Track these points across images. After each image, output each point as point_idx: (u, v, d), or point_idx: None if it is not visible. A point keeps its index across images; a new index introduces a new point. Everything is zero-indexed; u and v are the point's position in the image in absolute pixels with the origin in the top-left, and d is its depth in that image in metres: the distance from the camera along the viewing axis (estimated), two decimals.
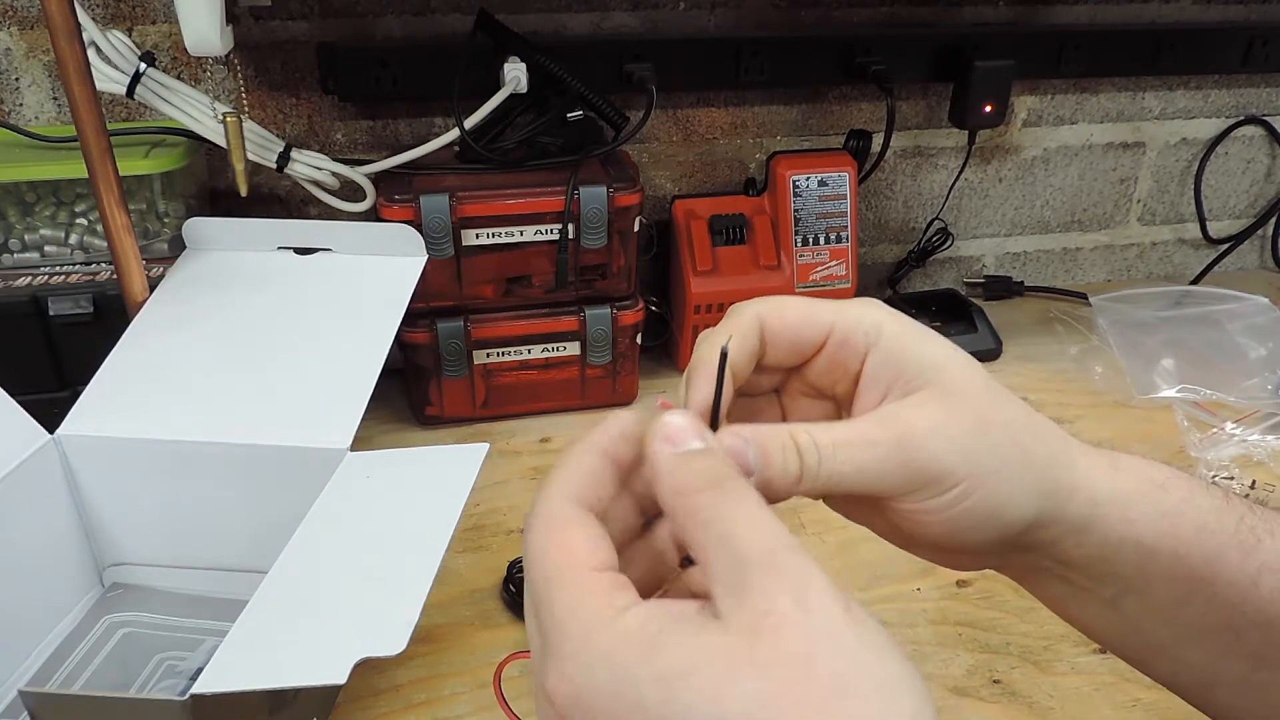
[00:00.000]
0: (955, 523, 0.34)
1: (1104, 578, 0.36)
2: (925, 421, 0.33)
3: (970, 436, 0.33)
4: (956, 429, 0.33)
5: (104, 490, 0.59)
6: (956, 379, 0.34)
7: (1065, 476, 0.35)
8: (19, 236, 0.71)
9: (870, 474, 0.32)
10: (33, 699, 0.41)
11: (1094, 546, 0.35)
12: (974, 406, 0.34)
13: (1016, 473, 0.34)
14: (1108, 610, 0.38)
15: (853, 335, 0.35)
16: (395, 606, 0.41)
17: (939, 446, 0.32)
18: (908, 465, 0.32)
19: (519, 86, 0.74)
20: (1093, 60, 0.94)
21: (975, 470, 0.33)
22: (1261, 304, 0.90)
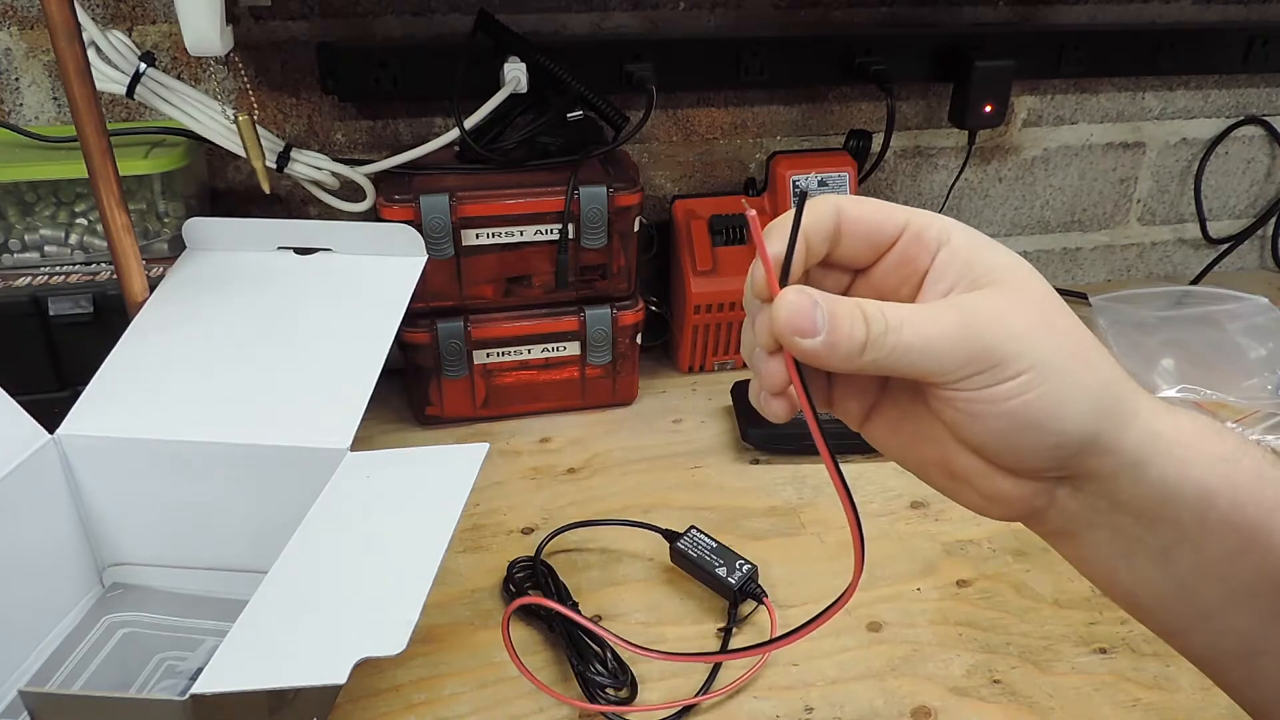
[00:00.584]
0: (1013, 418, 0.33)
1: (1159, 523, 0.35)
2: (991, 308, 0.33)
3: (1035, 331, 0.33)
4: (1022, 321, 0.33)
5: (104, 490, 0.59)
6: (1025, 282, 0.34)
7: (1127, 400, 0.34)
8: (19, 236, 0.71)
9: (933, 350, 0.32)
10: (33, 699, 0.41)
11: (1151, 485, 0.34)
12: (1041, 307, 0.34)
13: (1079, 378, 0.33)
14: (1157, 567, 0.36)
15: (926, 232, 0.35)
16: (395, 606, 0.41)
17: (1004, 331, 0.32)
18: (972, 343, 0.32)
19: (519, 86, 0.74)
20: (1093, 60, 0.94)
21: (1038, 363, 0.33)
22: (1261, 304, 0.90)
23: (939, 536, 0.67)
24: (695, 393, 0.85)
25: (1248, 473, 0.35)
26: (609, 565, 0.64)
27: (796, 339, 0.32)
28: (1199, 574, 0.36)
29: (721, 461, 0.75)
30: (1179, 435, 0.35)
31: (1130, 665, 0.56)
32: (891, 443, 0.38)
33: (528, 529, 0.67)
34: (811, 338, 0.32)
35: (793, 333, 0.32)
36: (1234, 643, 0.37)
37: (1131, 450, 0.34)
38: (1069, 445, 0.34)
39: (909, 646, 0.57)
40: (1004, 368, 0.32)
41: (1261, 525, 0.34)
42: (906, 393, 0.37)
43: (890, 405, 0.38)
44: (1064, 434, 0.33)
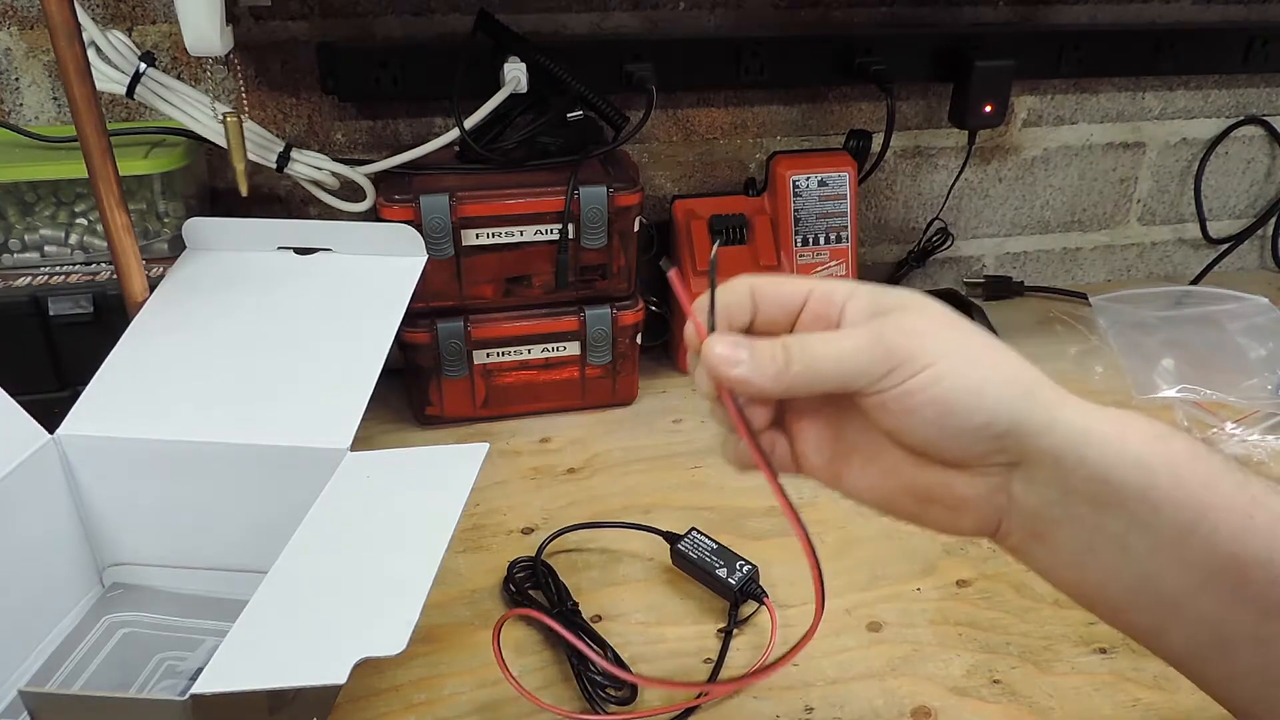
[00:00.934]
0: (937, 404, 0.36)
1: (1109, 507, 0.37)
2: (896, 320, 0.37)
3: (937, 331, 0.37)
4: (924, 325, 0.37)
5: (104, 490, 0.59)
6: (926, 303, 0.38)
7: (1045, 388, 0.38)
8: (19, 236, 0.71)
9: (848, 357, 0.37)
10: (33, 699, 0.41)
11: (1093, 465, 0.36)
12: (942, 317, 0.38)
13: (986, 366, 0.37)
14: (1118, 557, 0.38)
15: (832, 294, 0.40)
16: (395, 606, 0.41)
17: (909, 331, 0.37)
18: (878, 347, 0.37)
19: (519, 86, 0.74)
20: (1093, 60, 0.94)
21: (942, 354, 0.36)
22: (1261, 304, 0.90)
23: (939, 536, 0.67)
24: (695, 393, 0.85)
25: (1182, 451, 0.37)
26: (609, 565, 0.64)
27: (725, 368, 0.38)
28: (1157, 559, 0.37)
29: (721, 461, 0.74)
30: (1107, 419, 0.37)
31: (1130, 665, 0.56)
32: (862, 485, 0.41)
33: (528, 529, 0.67)
34: (737, 365, 0.38)
35: (722, 363, 0.38)
36: (1207, 633, 0.38)
37: (1063, 433, 0.37)
38: (998, 424, 0.36)
39: (909, 646, 0.57)
40: (912, 363, 0.36)
41: (1203, 501, 0.36)
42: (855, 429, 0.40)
43: (848, 449, 0.41)
44: (988, 413, 0.36)
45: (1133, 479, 0.36)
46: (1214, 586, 0.37)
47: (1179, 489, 0.36)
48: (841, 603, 0.60)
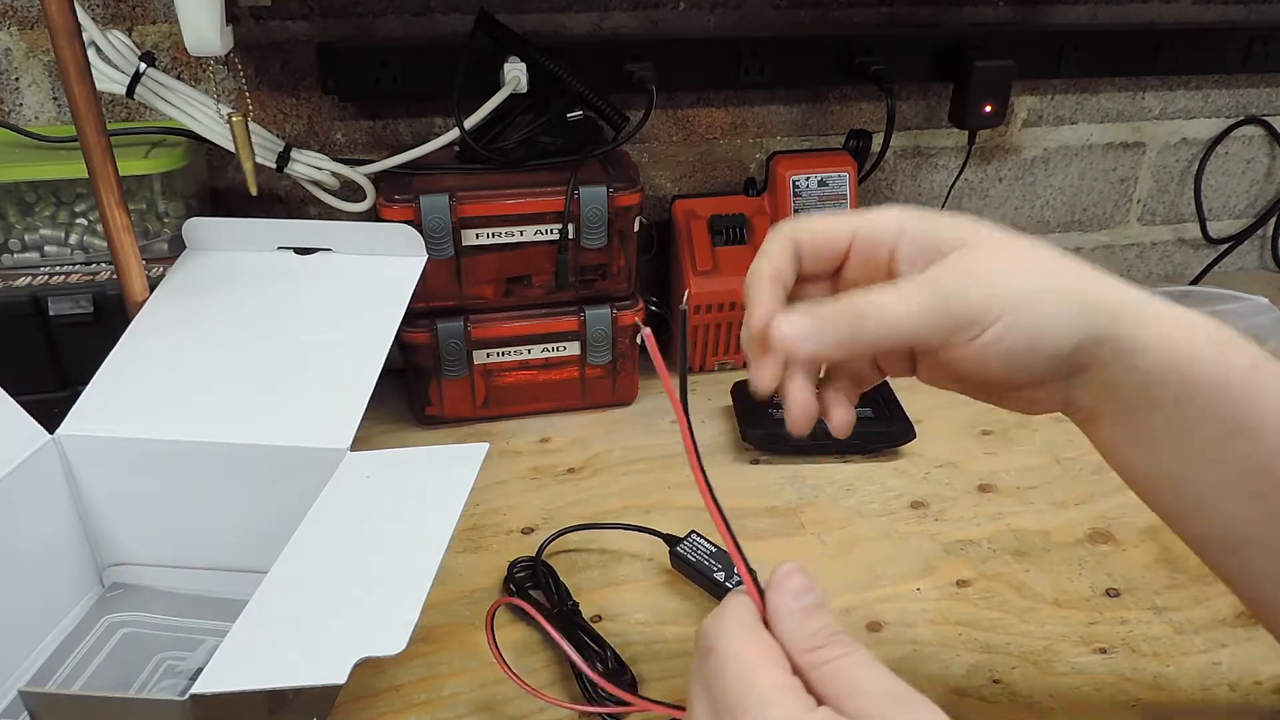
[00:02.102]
0: (1008, 357, 0.37)
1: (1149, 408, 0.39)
2: (954, 270, 0.37)
3: (1000, 273, 0.37)
4: (984, 270, 0.37)
5: (104, 490, 0.59)
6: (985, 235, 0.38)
7: (1111, 295, 0.38)
8: (19, 236, 0.71)
9: (913, 323, 0.37)
10: (33, 699, 0.41)
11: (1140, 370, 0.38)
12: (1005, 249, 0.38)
13: (1055, 297, 0.37)
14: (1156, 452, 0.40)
15: (877, 235, 0.40)
16: (395, 606, 0.41)
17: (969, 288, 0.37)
18: (943, 309, 0.37)
19: (519, 86, 0.74)
20: (1093, 60, 0.94)
21: (1009, 303, 0.36)
22: (1261, 304, 0.90)
23: (939, 536, 0.67)
24: (695, 393, 0.85)
25: (1238, 365, 0.38)
26: (609, 565, 0.64)
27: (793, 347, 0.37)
28: (1191, 461, 0.40)
29: (721, 461, 0.75)
30: (1168, 327, 0.38)
31: (1130, 665, 0.56)
32: (938, 380, 0.43)
33: (528, 529, 0.67)
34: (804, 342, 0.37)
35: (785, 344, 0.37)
36: (1227, 531, 0.40)
37: (1125, 339, 0.38)
38: (1064, 351, 0.38)
39: (909, 646, 0.57)
40: (976, 323, 0.37)
41: (1246, 414, 0.38)
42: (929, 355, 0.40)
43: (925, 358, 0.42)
44: (1055, 347, 0.37)
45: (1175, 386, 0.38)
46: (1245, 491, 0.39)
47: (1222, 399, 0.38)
48: (841, 603, 0.60)
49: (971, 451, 0.77)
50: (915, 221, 0.39)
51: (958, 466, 0.75)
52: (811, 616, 0.34)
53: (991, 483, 0.73)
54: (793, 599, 0.34)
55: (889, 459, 0.75)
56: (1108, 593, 0.61)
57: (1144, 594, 0.61)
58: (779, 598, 0.34)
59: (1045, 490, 0.72)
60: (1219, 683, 0.54)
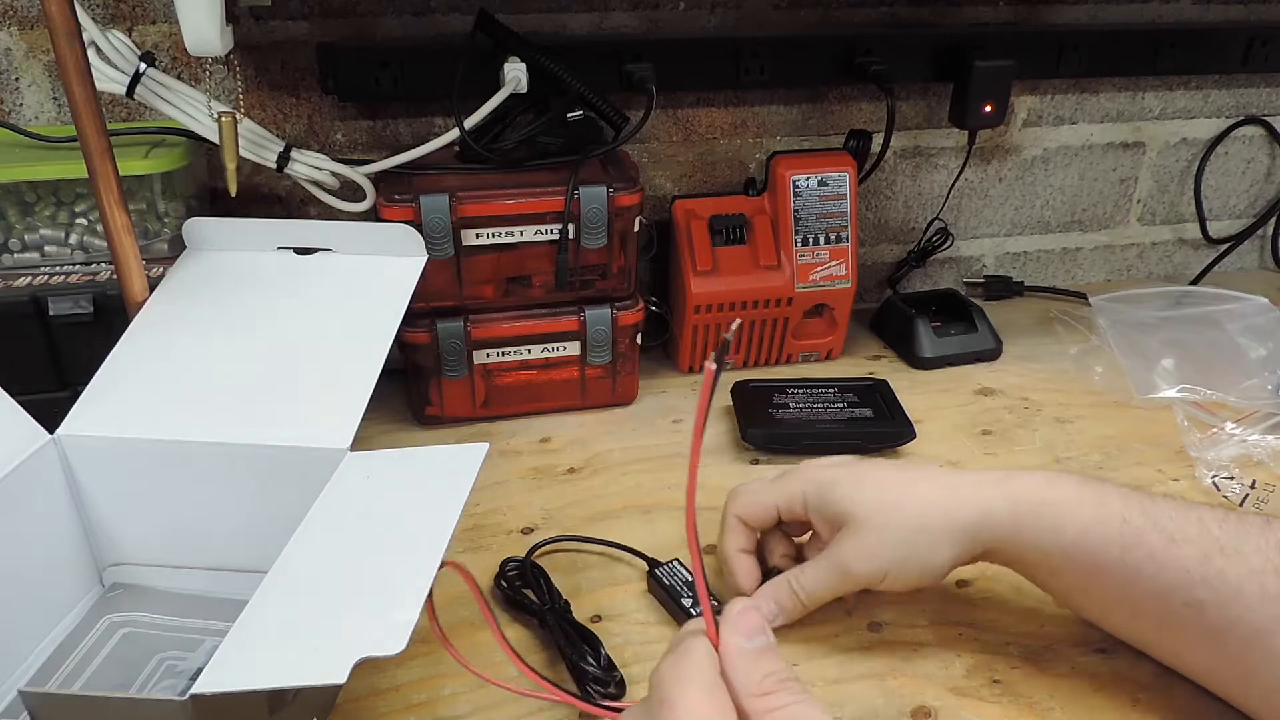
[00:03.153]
0: (909, 585, 0.53)
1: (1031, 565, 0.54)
2: (848, 551, 0.53)
3: (880, 546, 0.52)
4: (866, 543, 0.52)
5: (104, 490, 0.59)
6: (861, 513, 0.53)
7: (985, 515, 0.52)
8: (19, 236, 0.71)
9: (829, 592, 0.55)
10: (33, 699, 0.41)
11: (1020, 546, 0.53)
12: (877, 526, 0.52)
13: (928, 543, 0.52)
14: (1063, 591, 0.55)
15: (793, 507, 0.56)
16: (395, 606, 0.41)
17: (863, 564, 0.53)
18: (849, 580, 0.54)
19: (519, 86, 0.74)
20: (1093, 60, 0.94)
21: (892, 564, 0.52)
22: (1261, 304, 0.90)
23: None
24: (695, 393, 0.85)
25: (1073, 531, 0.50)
26: (609, 565, 0.64)
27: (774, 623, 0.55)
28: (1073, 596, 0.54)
29: (721, 461, 0.75)
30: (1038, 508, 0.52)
31: (1130, 665, 0.56)
32: None
33: (528, 529, 0.67)
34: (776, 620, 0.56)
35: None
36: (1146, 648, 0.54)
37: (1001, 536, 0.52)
38: (952, 564, 0.53)
39: (909, 646, 0.57)
40: (875, 579, 0.53)
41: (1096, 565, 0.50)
42: None
43: None
44: (943, 568, 0.53)
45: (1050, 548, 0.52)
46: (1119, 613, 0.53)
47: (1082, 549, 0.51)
48: (842, 603, 0.60)
49: (971, 451, 0.77)
50: (815, 498, 0.55)
51: (958, 466, 0.75)
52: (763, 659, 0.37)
53: None
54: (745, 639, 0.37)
55: (889, 459, 0.75)
56: None
57: None
58: (732, 637, 0.37)
59: None
60: None
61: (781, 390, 0.80)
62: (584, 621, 0.59)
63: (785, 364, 0.90)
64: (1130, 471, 0.73)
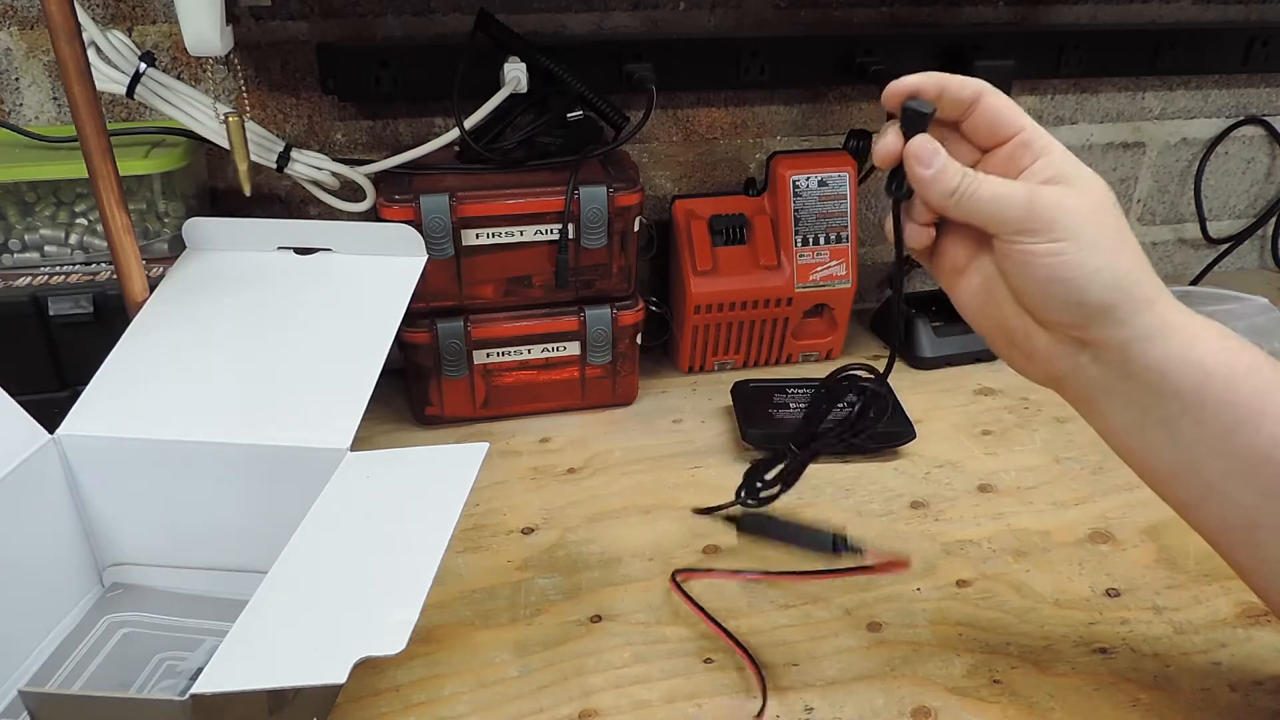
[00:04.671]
0: (1049, 270, 0.43)
1: (1163, 395, 0.44)
2: (1055, 193, 0.44)
3: (1082, 215, 0.43)
4: (1074, 206, 0.43)
5: (104, 490, 0.59)
6: (1090, 187, 0.44)
7: (1144, 287, 0.43)
8: (19, 236, 0.71)
9: (999, 207, 0.44)
10: (33, 699, 0.41)
11: (1156, 359, 0.43)
12: (1095, 205, 0.44)
13: (1106, 258, 0.43)
14: (1165, 438, 0.45)
15: (1033, 143, 0.46)
16: (395, 606, 0.41)
17: (1056, 206, 0.43)
18: (1028, 209, 0.43)
19: (519, 86, 0.74)
20: (1093, 60, 0.94)
21: (1077, 235, 0.43)
22: (1261, 304, 0.90)
23: (939, 536, 0.67)
24: (695, 393, 0.85)
25: (1244, 363, 0.43)
26: (609, 565, 0.64)
27: (918, 163, 0.45)
28: (1201, 447, 0.44)
29: (722, 461, 0.75)
30: (1187, 324, 0.43)
31: (1130, 665, 0.56)
32: (971, 302, 0.49)
33: (528, 529, 0.67)
34: (928, 168, 0.45)
35: (916, 161, 0.45)
36: (1238, 516, 0.44)
37: (1142, 328, 0.43)
38: (1089, 306, 0.43)
39: (909, 646, 0.57)
40: (1046, 233, 0.43)
41: (1251, 406, 0.42)
42: (985, 257, 0.47)
43: (974, 271, 0.48)
44: (1085, 294, 0.43)
45: (1189, 377, 0.43)
46: (1253, 479, 0.43)
47: (1229, 392, 0.42)
48: (842, 602, 0.60)
49: (971, 451, 0.77)
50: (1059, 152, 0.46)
51: (958, 466, 0.75)
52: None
53: (991, 483, 0.73)
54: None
55: (889, 459, 0.75)
56: (1108, 593, 0.61)
57: (1144, 594, 0.61)
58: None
59: (1045, 490, 0.72)
60: (1219, 683, 0.54)
61: (781, 390, 0.80)
62: (584, 621, 0.59)
63: (785, 364, 0.90)
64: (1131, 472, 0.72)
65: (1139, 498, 0.69)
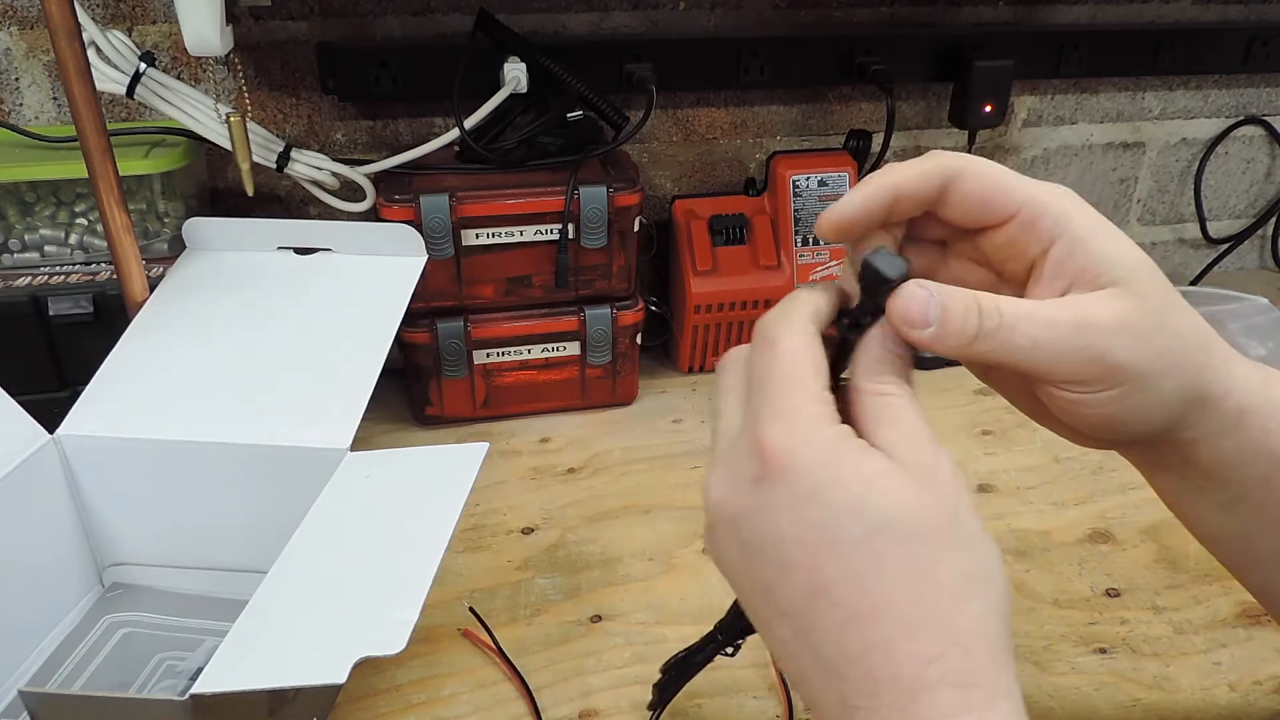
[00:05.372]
0: (1109, 417, 0.35)
1: (1226, 483, 0.37)
2: (1110, 316, 0.33)
3: (1149, 339, 0.34)
4: (1139, 330, 0.33)
5: (104, 490, 0.59)
6: (1146, 282, 0.34)
7: (1220, 382, 0.36)
8: (19, 236, 0.71)
9: (1045, 353, 0.33)
10: (33, 699, 0.41)
11: (1227, 451, 0.36)
12: (1158, 311, 0.34)
13: (1178, 377, 0.34)
14: (1221, 514, 0.39)
15: (1039, 221, 0.35)
16: (395, 606, 0.41)
17: (1119, 342, 0.33)
18: (1084, 353, 0.33)
19: (519, 86, 0.74)
20: (1093, 60, 0.94)
21: (1145, 371, 0.34)
22: (1261, 304, 0.90)
23: None
24: (695, 393, 0.85)
25: None
26: (609, 565, 0.64)
27: (908, 327, 0.33)
28: (1258, 526, 0.38)
29: None
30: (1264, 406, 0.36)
31: (1130, 665, 0.56)
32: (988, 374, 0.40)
33: (528, 529, 0.67)
34: (923, 329, 0.33)
35: (905, 324, 0.33)
36: None
37: (1216, 425, 0.36)
38: (1155, 429, 0.36)
39: None
40: (1110, 378, 0.33)
41: None
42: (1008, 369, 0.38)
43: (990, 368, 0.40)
44: (1153, 424, 0.36)
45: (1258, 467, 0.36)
46: None
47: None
48: None
49: (971, 451, 0.77)
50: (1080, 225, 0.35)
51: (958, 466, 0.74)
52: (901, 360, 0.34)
53: (991, 483, 0.73)
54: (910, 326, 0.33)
55: None
56: (1108, 593, 0.61)
57: (1144, 594, 0.61)
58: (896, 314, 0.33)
59: (1045, 490, 0.72)
60: (1219, 683, 0.54)
61: None
62: (584, 621, 0.59)
63: None
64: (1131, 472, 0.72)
65: (1139, 498, 0.69)
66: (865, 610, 0.30)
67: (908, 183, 0.37)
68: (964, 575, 0.31)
